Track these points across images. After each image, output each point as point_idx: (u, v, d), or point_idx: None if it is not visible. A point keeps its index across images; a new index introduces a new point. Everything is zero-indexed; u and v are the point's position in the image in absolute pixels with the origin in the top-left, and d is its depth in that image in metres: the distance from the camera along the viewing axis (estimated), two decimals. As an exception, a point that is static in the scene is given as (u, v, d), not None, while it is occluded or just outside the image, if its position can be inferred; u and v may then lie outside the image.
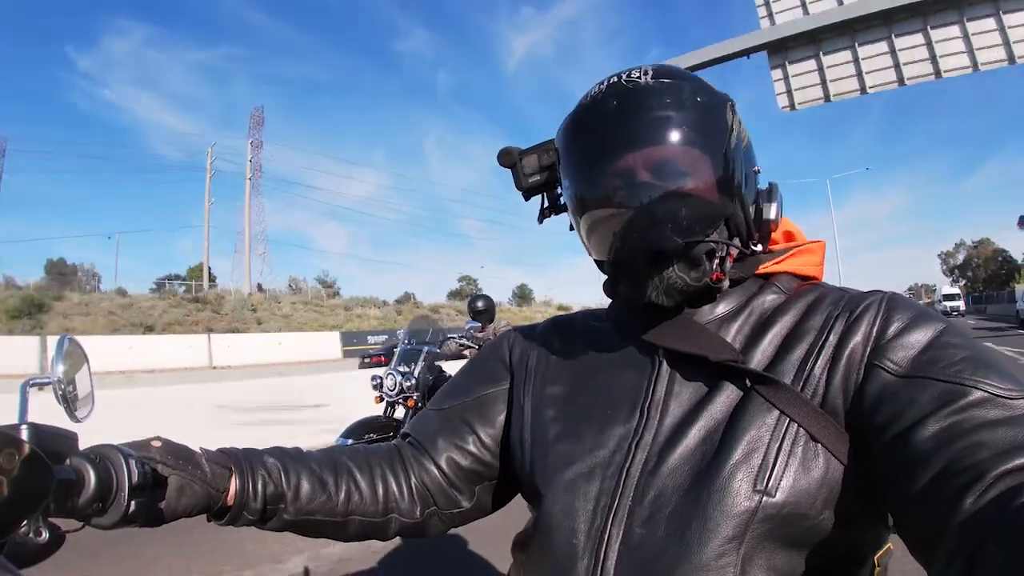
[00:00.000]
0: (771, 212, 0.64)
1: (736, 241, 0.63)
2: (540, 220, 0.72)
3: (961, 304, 38.66)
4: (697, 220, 0.58)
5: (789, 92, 12.34)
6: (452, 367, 5.04)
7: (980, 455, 0.43)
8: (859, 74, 11.76)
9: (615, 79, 0.61)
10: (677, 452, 0.56)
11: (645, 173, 0.58)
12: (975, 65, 10.87)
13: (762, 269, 0.66)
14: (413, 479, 0.71)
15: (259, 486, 0.62)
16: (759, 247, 0.66)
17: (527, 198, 0.72)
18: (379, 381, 4.18)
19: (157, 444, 0.57)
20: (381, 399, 4.17)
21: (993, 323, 28.21)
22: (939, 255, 61.84)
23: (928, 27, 11.12)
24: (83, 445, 0.55)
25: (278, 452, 0.67)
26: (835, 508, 0.53)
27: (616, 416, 0.62)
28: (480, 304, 5.00)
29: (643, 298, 0.61)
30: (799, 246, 0.70)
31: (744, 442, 0.54)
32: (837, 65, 11.93)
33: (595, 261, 0.66)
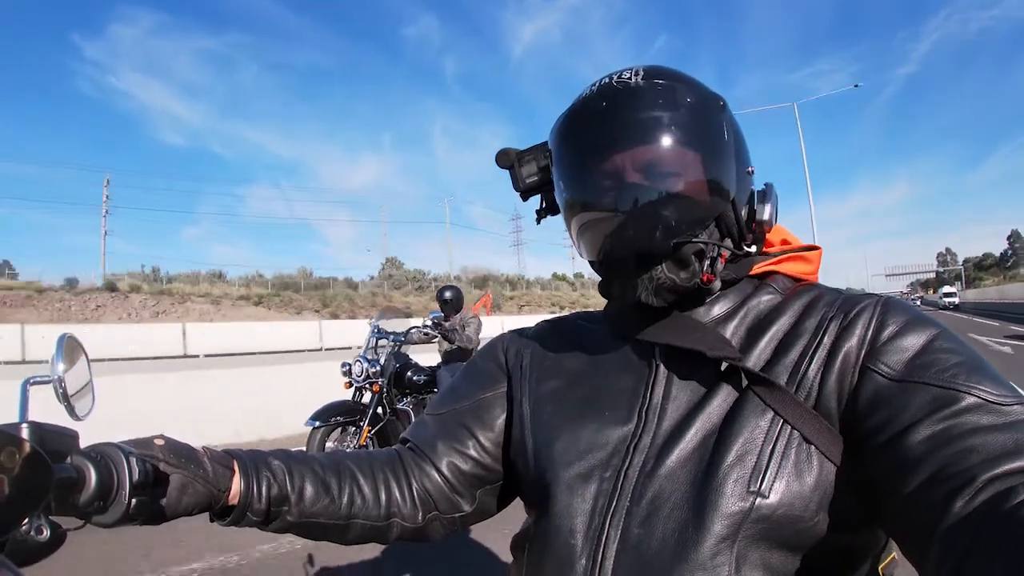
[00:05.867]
0: (764, 213, 0.64)
1: (728, 242, 0.62)
2: (538, 221, 0.72)
3: (956, 299, 51.77)
4: (684, 221, 0.58)
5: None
6: (424, 358, 5.19)
7: (971, 460, 0.44)
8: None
9: (606, 80, 0.62)
10: (674, 455, 0.57)
11: (632, 174, 0.59)
12: None
13: (757, 269, 0.66)
14: (415, 484, 0.71)
15: (263, 488, 0.62)
16: (753, 248, 0.66)
17: (525, 199, 0.72)
18: (348, 367, 4.45)
19: (160, 442, 0.57)
20: (350, 384, 4.43)
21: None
22: (907, 284, 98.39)
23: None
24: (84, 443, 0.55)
25: (282, 454, 0.67)
26: (829, 510, 0.53)
27: (614, 419, 0.62)
28: (448, 294, 5.24)
29: (634, 298, 0.61)
30: (794, 250, 0.70)
31: (738, 444, 0.54)
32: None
33: (588, 262, 0.66)
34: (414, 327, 4.89)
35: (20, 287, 22.46)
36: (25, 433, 0.50)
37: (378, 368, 4.39)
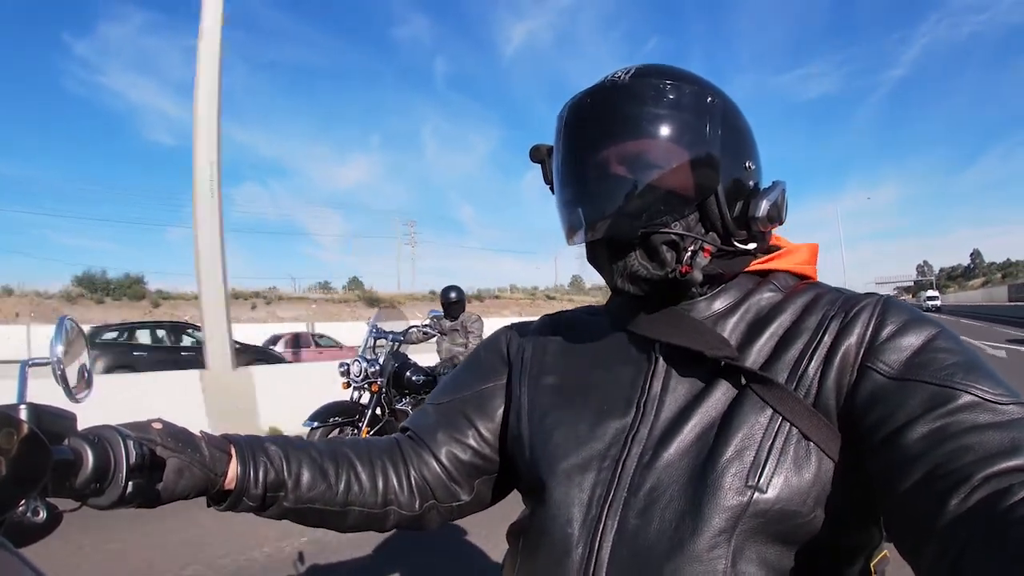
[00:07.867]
0: (759, 209, 0.62)
1: (712, 236, 0.62)
2: None
3: (939, 302, 58.11)
4: (653, 210, 0.59)
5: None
6: (421, 357, 5.23)
7: (967, 458, 0.44)
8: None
9: (602, 79, 0.63)
10: (672, 447, 0.57)
11: (606, 166, 0.61)
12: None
13: (755, 265, 0.66)
14: (412, 472, 0.72)
15: (260, 473, 0.62)
16: (751, 245, 0.65)
17: (554, 192, 0.73)
18: (346, 368, 4.40)
19: (157, 426, 0.57)
20: (348, 385, 4.38)
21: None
22: (893, 287, 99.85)
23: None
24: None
25: (280, 440, 0.67)
26: (826, 507, 0.53)
27: (612, 410, 0.62)
28: (453, 295, 5.34)
29: (612, 285, 0.63)
30: (788, 251, 0.69)
31: (737, 439, 0.55)
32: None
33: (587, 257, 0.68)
34: (413, 326, 4.87)
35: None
36: (23, 414, 0.50)
37: (377, 368, 4.35)
